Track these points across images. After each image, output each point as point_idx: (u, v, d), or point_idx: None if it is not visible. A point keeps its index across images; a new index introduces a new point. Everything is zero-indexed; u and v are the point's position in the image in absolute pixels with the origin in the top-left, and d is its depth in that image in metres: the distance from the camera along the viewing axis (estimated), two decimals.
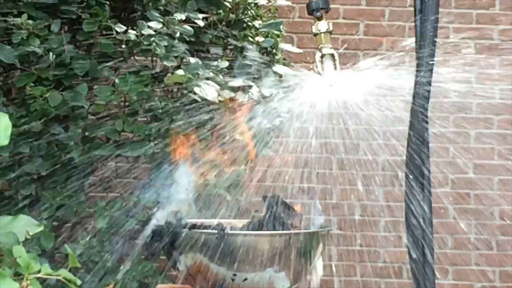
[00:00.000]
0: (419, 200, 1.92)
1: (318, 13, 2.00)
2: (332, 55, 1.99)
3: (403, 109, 1.96)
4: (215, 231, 1.76)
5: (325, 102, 1.96)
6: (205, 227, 1.85)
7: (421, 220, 1.93)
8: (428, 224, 1.94)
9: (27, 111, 2.49)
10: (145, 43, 2.60)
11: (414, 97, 1.92)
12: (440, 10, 1.95)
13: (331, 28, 2.00)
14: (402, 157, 1.95)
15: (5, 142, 1.13)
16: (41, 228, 1.34)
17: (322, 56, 1.99)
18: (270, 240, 1.77)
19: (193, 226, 1.83)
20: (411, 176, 1.92)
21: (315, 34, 2.00)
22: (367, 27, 4.12)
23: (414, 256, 1.92)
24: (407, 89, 1.94)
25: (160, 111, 2.62)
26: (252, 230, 1.88)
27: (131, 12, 2.85)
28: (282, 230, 1.85)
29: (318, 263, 1.87)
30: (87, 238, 2.60)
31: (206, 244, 1.75)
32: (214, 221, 1.94)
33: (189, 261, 1.79)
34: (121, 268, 2.58)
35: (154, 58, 2.88)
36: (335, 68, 1.98)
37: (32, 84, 2.51)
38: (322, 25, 2.00)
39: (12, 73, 2.70)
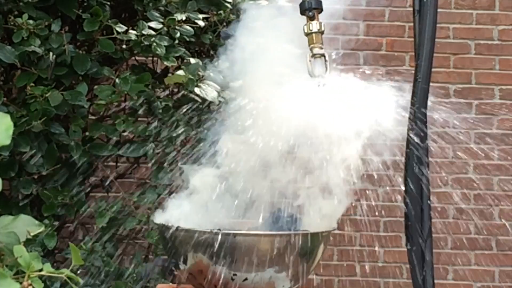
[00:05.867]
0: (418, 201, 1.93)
1: (310, 13, 1.98)
2: (323, 56, 1.96)
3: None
4: (210, 231, 1.77)
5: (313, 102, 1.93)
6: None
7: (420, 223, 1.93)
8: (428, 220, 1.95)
9: (28, 111, 2.48)
10: (146, 43, 2.60)
11: (412, 97, 1.92)
12: (440, 10, 1.95)
13: (323, 29, 1.97)
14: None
15: (7, 142, 1.12)
16: (42, 228, 1.34)
17: (313, 56, 1.96)
18: (271, 241, 1.77)
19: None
20: (409, 178, 1.92)
21: (307, 34, 1.98)
22: (367, 27, 4.12)
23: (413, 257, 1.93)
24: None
25: (160, 111, 2.62)
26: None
27: (131, 13, 2.85)
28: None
29: None
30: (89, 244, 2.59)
31: (207, 244, 1.75)
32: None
33: (190, 261, 1.79)
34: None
35: (155, 59, 2.88)
36: (325, 69, 1.95)
37: (32, 84, 2.51)
38: (314, 25, 1.97)
39: (12, 73, 2.69)
